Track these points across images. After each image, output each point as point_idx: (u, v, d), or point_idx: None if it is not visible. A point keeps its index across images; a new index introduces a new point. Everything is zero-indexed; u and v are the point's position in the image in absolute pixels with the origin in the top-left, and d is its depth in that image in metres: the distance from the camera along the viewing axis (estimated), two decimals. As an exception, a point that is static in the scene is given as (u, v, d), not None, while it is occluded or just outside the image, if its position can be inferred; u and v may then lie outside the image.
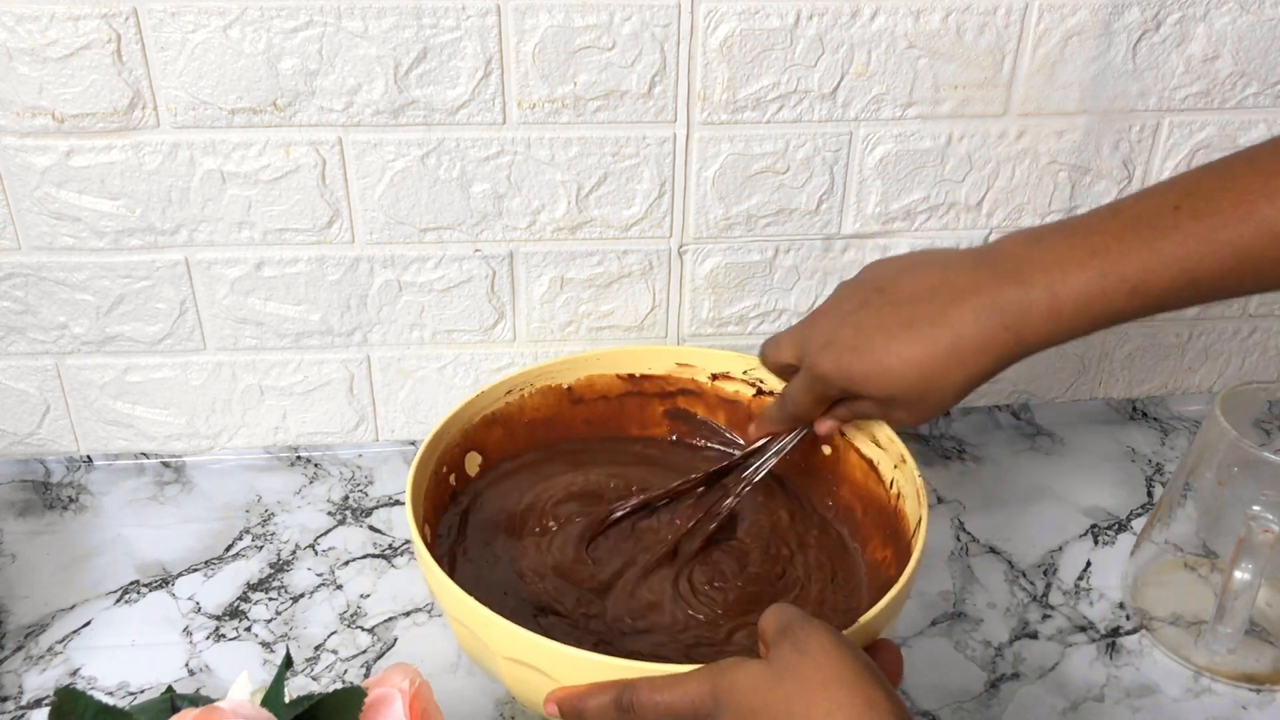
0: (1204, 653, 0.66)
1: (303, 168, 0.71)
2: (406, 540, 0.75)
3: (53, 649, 0.67)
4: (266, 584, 0.72)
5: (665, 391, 0.73)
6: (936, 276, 0.54)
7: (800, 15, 0.70)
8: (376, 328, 0.78)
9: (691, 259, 0.79)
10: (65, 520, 0.76)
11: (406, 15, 0.67)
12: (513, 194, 0.74)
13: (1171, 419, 0.89)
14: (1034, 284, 0.51)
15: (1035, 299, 0.51)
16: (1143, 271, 0.50)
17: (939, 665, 0.66)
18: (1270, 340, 0.90)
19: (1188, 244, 0.49)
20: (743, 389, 0.72)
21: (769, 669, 0.45)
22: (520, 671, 0.52)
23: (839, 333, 0.57)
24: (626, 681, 0.48)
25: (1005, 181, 0.78)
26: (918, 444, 0.85)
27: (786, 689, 0.44)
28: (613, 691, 0.48)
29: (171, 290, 0.75)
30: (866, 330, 0.56)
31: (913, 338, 0.54)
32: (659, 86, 0.71)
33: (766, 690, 0.45)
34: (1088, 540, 0.77)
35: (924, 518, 0.58)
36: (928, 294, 0.54)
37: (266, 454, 0.82)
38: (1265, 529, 0.60)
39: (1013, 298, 0.51)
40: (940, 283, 0.54)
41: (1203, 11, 0.73)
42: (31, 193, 0.70)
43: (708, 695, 0.47)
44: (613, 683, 0.49)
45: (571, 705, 0.50)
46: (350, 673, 0.66)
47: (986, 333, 0.52)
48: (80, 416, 0.79)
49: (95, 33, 0.65)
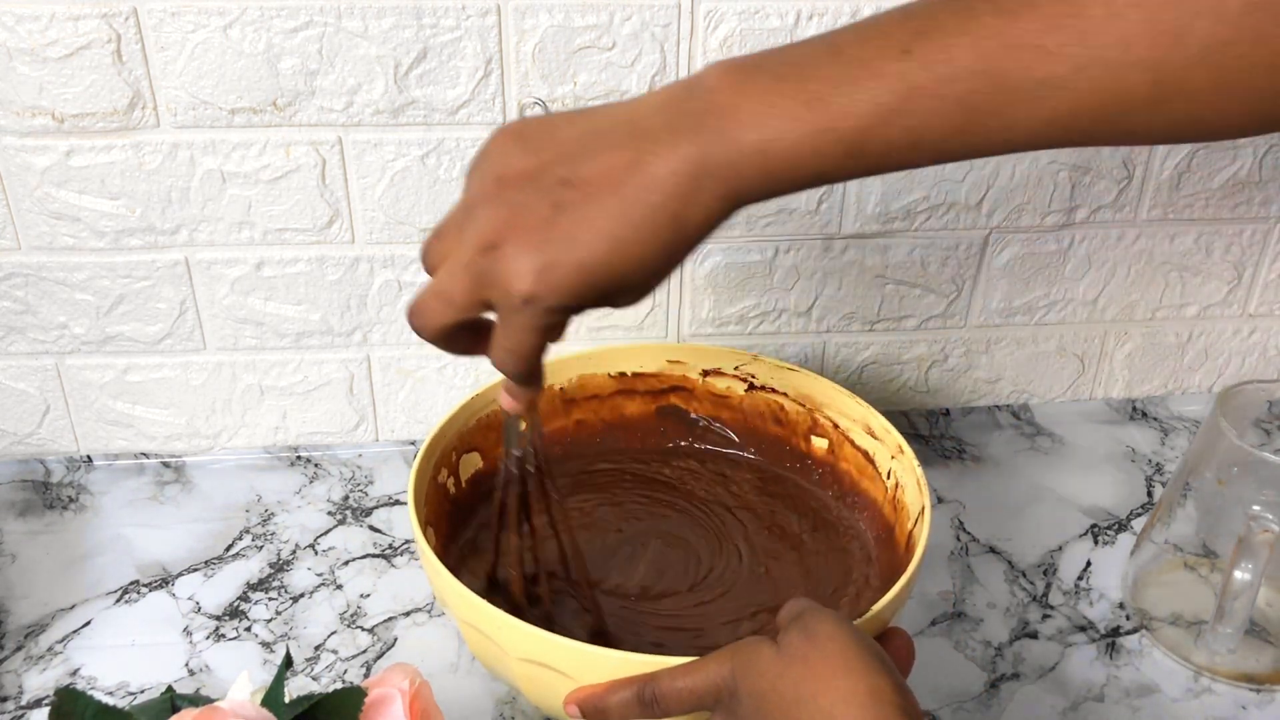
0: (1204, 653, 0.66)
1: (303, 168, 0.71)
2: (406, 540, 0.75)
3: (53, 649, 0.67)
4: (266, 584, 0.72)
5: (656, 389, 0.73)
6: (628, 151, 0.44)
7: (800, 15, 0.70)
8: (376, 327, 0.78)
9: (691, 259, 0.78)
10: (65, 520, 0.76)
11: (406, 15, 0.67)
12: (513, 194, 0.74)
13: (1171, 419, 0.89)
14: (743, 143, 0.43)
15: (745, 160, 0.43)
16: (861, 131, 0.42)
17: (939, 665, 0.66)
18: (1270, 340, 0.90)
19: (914, 99, 0.42)
20: (735, 384, 0.72)
21: (779, 655, 0.45)
22: (536, 672, 0.51)
23: (521, 239, 0.45)
24: (647, 675, 0.48)
25: (1005, 181, 0.78)
26: (917, 443, 0.85)
27: (794, 675, 0.44)
28: (634, 686, 0.48)
29: (171, 290, 0.75)
30: (561, 229, 0.44)
31: (625, 223, 0.43)
32: (659, 86, 0.71)
33: (776, 675, 0.45)
34: (1088, 540, 0.77)
35: (926, 506, 0.59)
36: (625, 171, 0.44)
37: (266, 454, 0.82)
38: (1265, 529, 0.60)
39: (722, 155, 0.43)
40: (635, 159, 0.44)
41: (1203, 11, 0.73)
42: (31, 193, 0.70)
43: (727, 675, 0.47)
44: (633, 678, 0.49)
45: (593, 704, 0.49)
46: (350, 673, 0.66)
47: (701, 193, 0.43)
48: (80, 416, 0.79)
49: (95, 33, 0.65)
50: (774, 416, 0.72)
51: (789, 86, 0.43)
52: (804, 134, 0.43)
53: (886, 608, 0.52)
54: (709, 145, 0.43)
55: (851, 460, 0.68)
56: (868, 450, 0.67)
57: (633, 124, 0.45)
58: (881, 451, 0.65)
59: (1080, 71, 0.41)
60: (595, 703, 0.49)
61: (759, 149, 0.43)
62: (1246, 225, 0.84)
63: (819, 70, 0.43)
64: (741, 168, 0.43)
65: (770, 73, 0.44)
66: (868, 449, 0.67)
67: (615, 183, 0.44)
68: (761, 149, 0.43)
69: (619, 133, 0.45)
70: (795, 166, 0.43)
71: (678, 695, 0.47)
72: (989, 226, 0.80)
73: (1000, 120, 0.42)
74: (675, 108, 0.45)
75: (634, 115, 0.45)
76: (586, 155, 0.45)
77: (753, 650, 0.46)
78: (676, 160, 0.43)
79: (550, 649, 0.50)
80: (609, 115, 0.46)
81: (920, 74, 0.42)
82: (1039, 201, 0.80)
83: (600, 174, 0.44)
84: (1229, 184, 0.81)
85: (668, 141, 0.44)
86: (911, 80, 0.42)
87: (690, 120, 0.44)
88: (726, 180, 0.44)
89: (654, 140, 0.44)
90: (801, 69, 0.44)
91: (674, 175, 0.43)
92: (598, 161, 0.44)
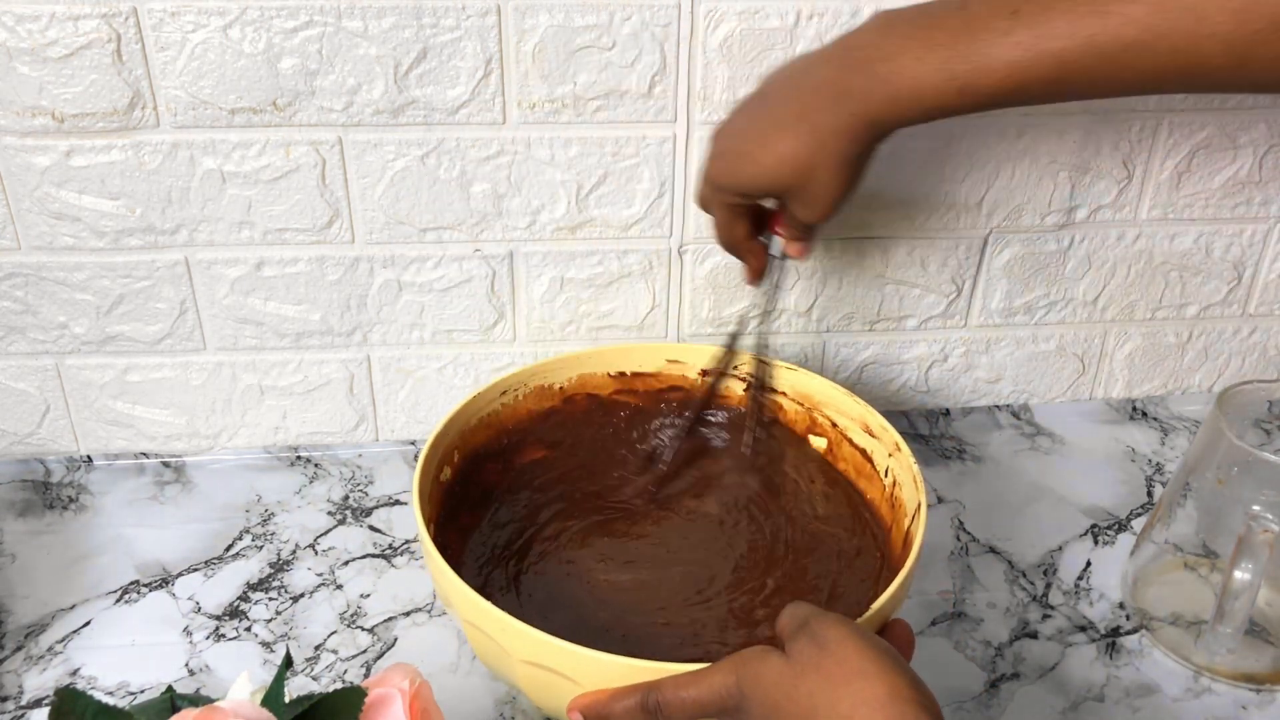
0: (1204, 653, 0.66)
1: (303, 167, 0.71)
2: (406, 540, 0.75)
3: (53, 649, 0.67)
4: (266, 584, 0.72)
5: (655, 388, 0.73)
6: (799, 76, 0.59)
7: (800, 15, 0.70)
8: (376, 328, 0.78)
9: (691, 259, 0.79)
10: (65, 520, 0.76)
11: (406, 15, 0.67)
12: (513, 194, 0.74)
13: (1171, 419, 0.89)
14: (873, 74, 0.55)
15: (874, 88, 0.55)
16: (973, 72, 0.52)
17: (939, 665, 0.66)
18: (1270, 340, 0.90)
19: (1016, 52, 0.51)
20: (733, 384, 0.72)
21: (790, 665, 0.45)
22: (541, 676, 0.51)
23: (728, 144, 0.62)
24: (651, 683, 0.48)
25: (1005, 181, 0.78)
26: (917, 443, 0.85)
27: (809, 685, 0.44)
28: (638, 694, 0.48)
29: (171, 290, 0.75)
30: (749, 135, 0.60)
31: (781, 134, 0.58)
32: (659, 86, 0.71)
33: (790, 686, 0.45)
34: (1088, 540, 0.77)
35: (922, 503, 0.59)
36: (794, 92, 0.59)
37: (266, 454, 0.82)
38: (1265, 529, 0.60)
39: (857, 86, 0.56)
40: (802, 80, 0.59)
41: (1203, 11, 0.73)
42: (31, 193, 0.70)
43: (733, 686, 0.46)
44: (637, 686, 0.49)
45: (596, 711, 0.49)
46: (350, 673, 0.66)
47: (840, 120, 0.56)
48: (80, 416, 0.79)
49: (95, 33, 0.65)
50: (772, 416, 0.72)
51: (919, 33, 0.54)
52: (923, 72, 0.54)
53: (886, 605, 0.52)
54: (850, 75, 0.56)
55: (850, 459, 0.68)
56: (865, 448, 0.67)
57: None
58: (879, 449, 0.65)
59: (1161, 39, 0.48)
60: (599, 710, 0.49)
61: (885, 79, 0.55)
62: (1246, 225, 0.84)
63: (945, 19, 0.54)
64: (870, 95, 0.56)
65: (912, 19, 0.55)
66: (865, 447, 0.67)
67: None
68: (888, 79, 0.55)
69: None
70: (912, 99, 0.54)
71: (682, 705, 0.47)
72: (989, 226, 0.80)
73: (1090, 73, 0.51)
74: (840, 58, 0.57)
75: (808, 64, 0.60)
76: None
77: (760, 661, 0.46)
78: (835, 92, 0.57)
79: (554, 653, 0.50)
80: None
81: (1022, 30, 0.51)
82: (1039, 201, 0.80)
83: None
84: (1229, 184, 0.81)
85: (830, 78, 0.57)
86: (1015, 35, 0.51)
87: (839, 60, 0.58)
88: (861, 107, 0.56)
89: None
90: (933, 17, 0.55)
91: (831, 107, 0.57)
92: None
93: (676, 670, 0.48)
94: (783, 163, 0.58)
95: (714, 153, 0.63)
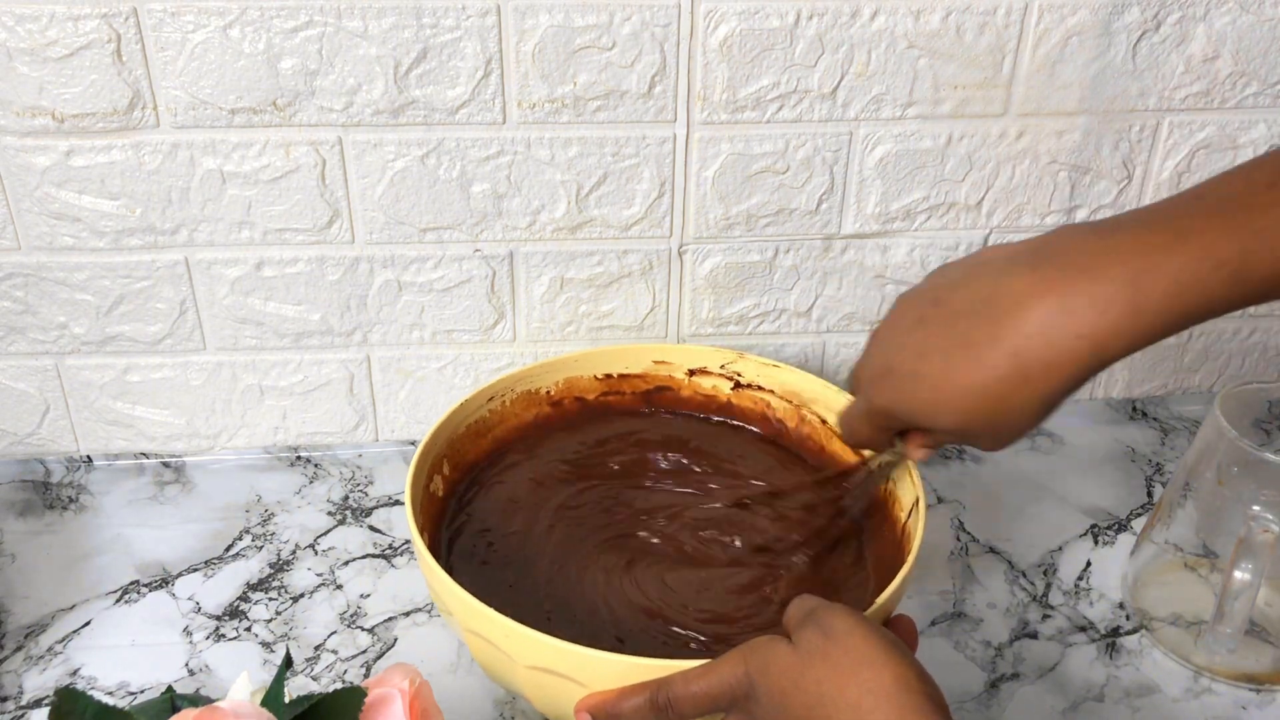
0: (1204, 653, 0.66)
1: (303, 168, 0.71)
2: (406, 540, 0.75)
3: (53, 649, 0.67)
4: (266, 584, 0.72)
5: (642, 390, 0.73)
6: (991, 282, 0.47)
7: (800, 15, 0.70)
8: (376, 328, 0.78)
9: (691, 259, 0.79)
10: (65, 520, 0.76)
11: (406, 15, 0.67)
12: (513, 194, 0.74)
13: (1171, 419, 0.89)
14: (1111, 277, 0.44)
15: (1113, 295, 0.43)
16: (1243, 254, 0.43)
17: (939, 665, 0.66)
18: (1270, 340, 0.90)
19: (1186, 274, 0.43)
20: (720, 383, 0.72)
21: (797, 654, 0.45)
22: (545, 679, 0.51)
23: (895, 358, 0.51)
24: (659, 680, 0.48)
25: (1005, 181, 0.78)
26: (918, 444, 0.85)
27: (816, 674, 0.44)
28: (646, 691, 0.48)
29: (171, 290, 0.75)
30: (924, 354, 0.49)
31: (971, 361, 0.47)
32: (659, 86, 0.71)
33: (797, 675, 0.45)
34: (1088, 540, 0.77)
35: (921, 497, 0.59)
36: (985, 304, 0.47)
37: (266, 454, 0.82)
38: (1265, 529, 0.60)
39: (1084, 297, 0.44)
40: (995, 289, 0.47)
41: (1203, 11, 0.73)
42: (31, 193, 0.70)
43: (743, 675, 0.46)
44: (645, 683, 0.48)
45: (605, 711, 0.49)
46: (350, 673, 0.66)
47: (1055, 345, 0.45)
48: (80, 416, 0.79)
49: (95, 33, 0.65)
50: (761, 414, 0.72)
51: (1158, 224, 0.45)
52: (1182, 264, 0.44)
53: (889, 600, 0.52)
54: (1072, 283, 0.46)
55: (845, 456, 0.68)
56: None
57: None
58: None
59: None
60: (608, 709, 0.49)
61: (1130, 282, 0.44)
62: (1246, 225, 0.84)
63: (1183, 209, 0.46)
64: (1107, 308, 0.45)
65: (1129, 219, 0.46)
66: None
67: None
68: (1134, 281, 0.44)
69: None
70: (1168, 304, 0.44)
71: (692, 699, 0.47)
72: (989, 226, 0.80)
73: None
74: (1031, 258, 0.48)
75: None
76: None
77: (768, 650, 0.46)
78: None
79: (560, 655, 0.50)
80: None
81: (1194, 264, 0.43)
82: (1039, 201, 0.80)
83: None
84: (1229, 184, 0.81)
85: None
86: (1180, 262, 0.43)
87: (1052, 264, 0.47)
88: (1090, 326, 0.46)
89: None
90: (1164, 212, 0.46)
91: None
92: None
93: (683, 667, 0.48)
94: (969, 396, 0.47)
95: (878, 366, 0.52)
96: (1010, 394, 0.46)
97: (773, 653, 0.46)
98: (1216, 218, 0.44)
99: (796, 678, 0.45)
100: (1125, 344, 0.44)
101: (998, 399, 0.46)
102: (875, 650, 0.44)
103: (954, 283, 0.49)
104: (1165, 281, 0.43)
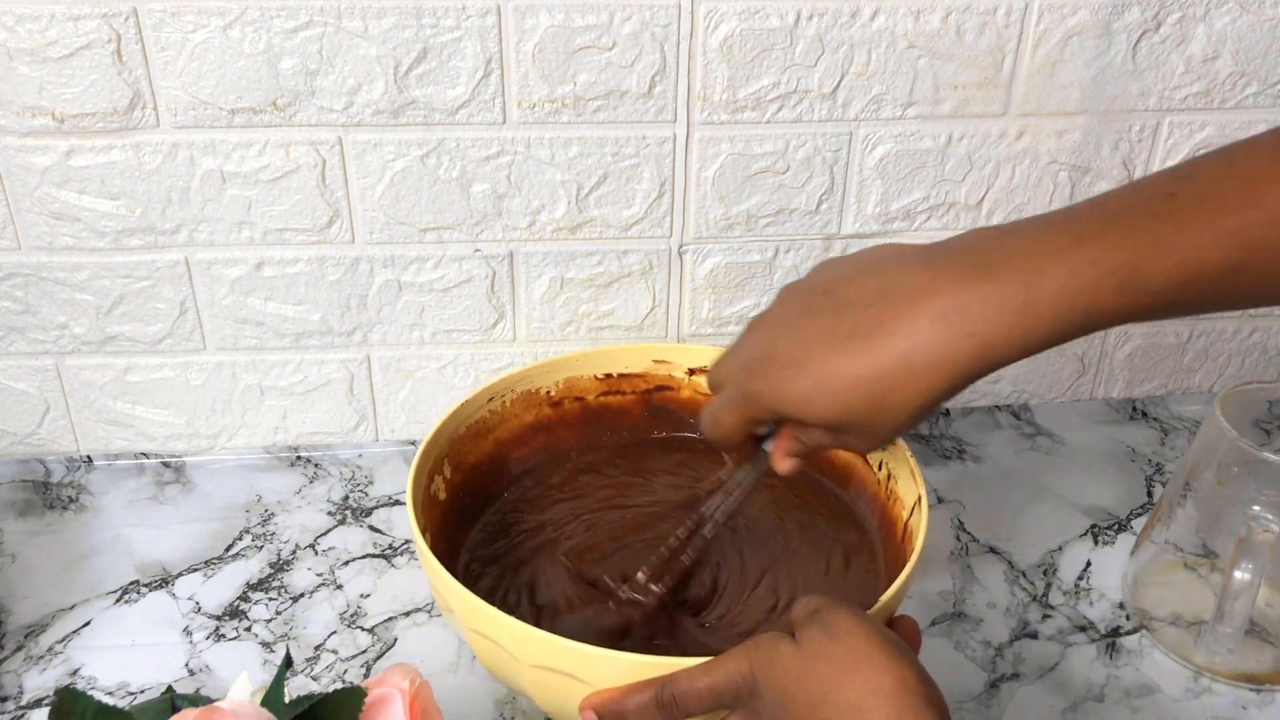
0: (1204, 653, 0.66)
1: (303, 168, 0.71)
2: (406, 540, 0.75)
3: (53, 649, 0.67)
4: (266, 584, 0.72)
5: (642, 389, 0.73)
6: (889, 275, 0.47)
7: (800, 15, 0.70)
8: (376, 328, 0.78)
9: (691, 259, 0.79)
10: (65, 520, 0.76)
11: (406, 15, 0.67)
12: (513, 194, 0.74)
13: (1171, 419, 0.89)
14: (1004, 278, 0.43)
15: (1006, 296, 0.43)
16: (1136, 262, 0.43)
17: (939, 665, 0.66)
18: (1270, 340, 0.90)
19: (1187, 232, 0.43)
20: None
21: (801, 652, 0.45)
22: (550, 679, 0.51)
23: (778, 346, 0.49)
24: (664, 677, 0.48)
25: (1005, 181, 0.78)
26: (918, 443, 0.85)
27: (818, 672, 0.44)
28: (651, 689, 0.48)
29: (171, 290, 0.75)
30: (808, 343, 0.47)
31: (857, 351, 0.46)
32: (659, 86, 0.71)
33: (799, 673, 0.45)
34: (1088, 540, 0.77)
35: (922, 496, 0.58)
36: (878, 297, 0.46)
37: (266, 454, 0.82)
38: (1265, 529, 0.60)
39: (977, 296, 0.44)
40: (892, 282, 0.46)
41: (1203, 11, 0.73)
42: (31, 193, 0.70)
43: (746, 672, 0.46)
44: (650, 680, 0.48)
45: (610, 709, 0.49)
46: (350, 673, 0.66)
47: (944, 341, 0.44)
48: (80, 416, 0.79)
49: (95, 33, 0.65)
50: None
51: (1056, 228, 0.45)
52: (1074, 268, 0.44)
53: (892, 599, 0.52)
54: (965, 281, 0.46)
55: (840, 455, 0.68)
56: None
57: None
58: None
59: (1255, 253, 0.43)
60: (613, 707, 0.49)
61: (1023, 283, 0.44)
62: (1246, 225, 0.84)
63: (1084, 214, 0.46)
64: (1000, 309, 0.45)
65: (1033, 221, 0.46)
66: None
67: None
68: (1026, 283, 0.44)
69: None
70: (1058, 309, 0.44)
71: (697, 695, 0.47)
72: (989, 226, 0.80)
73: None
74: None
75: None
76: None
77: (772, 647, 0.46)
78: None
79: (564, 654, 0.50)
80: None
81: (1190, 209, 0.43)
82: (1039, 201, 0.80)
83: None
84: (1229, 184, 0.81)
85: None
86: (1182, 214, 0.43)
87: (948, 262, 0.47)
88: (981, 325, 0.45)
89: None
90: (1066, 215, 0.46)
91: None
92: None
93: (687, 664, 0.48)
94: (852, 385, 0.46)
95: (756, 352, 0.50)
96: (894, 388, 0.45)
97: (776, 650, 0.46)
98: (1112, 224, 0.44)
99: (799, 676, 0.45)
100: (1016, 347, 0.44)
101: (881, 392, 0.46)
102: (877, 651, 0.44)
103: (848, 275, 0.49)
104: (1056, 285, 0.43)
